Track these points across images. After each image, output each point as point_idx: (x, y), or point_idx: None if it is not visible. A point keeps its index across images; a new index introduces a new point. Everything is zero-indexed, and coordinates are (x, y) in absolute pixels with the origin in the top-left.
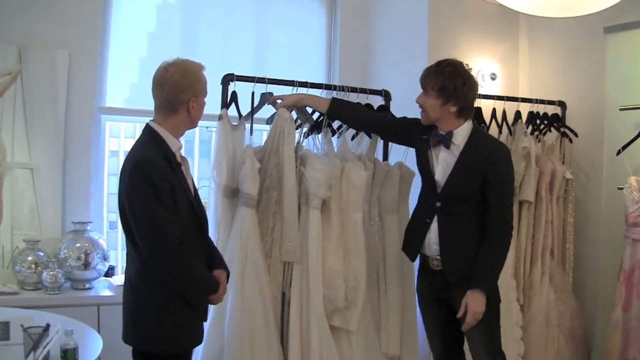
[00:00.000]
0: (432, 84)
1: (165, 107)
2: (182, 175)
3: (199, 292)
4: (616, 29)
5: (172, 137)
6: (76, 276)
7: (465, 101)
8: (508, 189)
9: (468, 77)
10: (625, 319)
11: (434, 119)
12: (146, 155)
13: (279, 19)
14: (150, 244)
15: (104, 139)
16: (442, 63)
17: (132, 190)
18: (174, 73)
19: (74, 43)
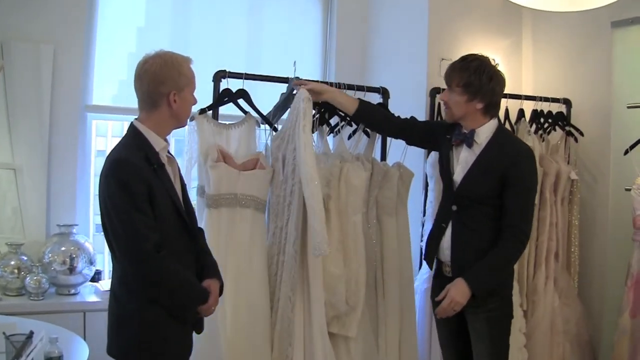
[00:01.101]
0: (457, 79)
1: (145, 101)
2: (166, 176)
3: (180, 300)
4: (624, 24)
5: (155, 136)
6: (61, 281)
7: (491, 98)
8: (527, 194)
9: (495, 72)
10: (633, 326)
11: (458, 117)
12: (122, 156)
13: (273, 14)
14: (126, 249)
15: (90, 138)
16: (468, 58)
17: (107, 193)
18: (153, 64)
19: (59, 38)
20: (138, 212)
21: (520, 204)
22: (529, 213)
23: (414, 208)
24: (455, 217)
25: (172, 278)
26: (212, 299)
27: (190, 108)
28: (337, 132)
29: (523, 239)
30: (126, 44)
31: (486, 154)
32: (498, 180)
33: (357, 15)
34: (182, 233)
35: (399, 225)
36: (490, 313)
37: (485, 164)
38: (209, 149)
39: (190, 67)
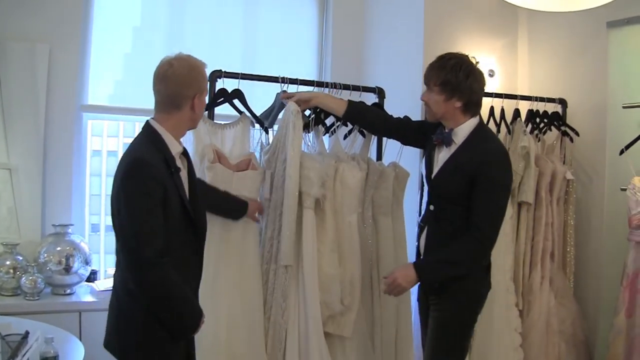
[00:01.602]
0: (434, 78)
1: (168, 102)
2: (180, 180)
3: (174, 312)
4: (620, 24)
5: (172, 139)
6: (56, 281)
7: (470, 96)
8: (493, 195)
9: (472, 69)
10: (629, 325)
11: (439, 116)
12: (143, 156)
13: (269, 13)
14: (130, 251)
15: (86, 138)
16: (445, 56)
17: (122, 192)
18: (180, 67)
19: (54, 37)
20: (151, 215)
21: (485, 204)
22: (494, 215)
23: (410, 208)
24: (432, 217)
25: (171, 289)
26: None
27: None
28: (333, 132)
29: (483, 240)
30: (122, 43)
31: (459, 153)
32: (467, 180)
33: (352, 15)
34: (191, 237)
35: (394, 225)
36: (440, 313)
37: (456, 163)
38: (205, 149)
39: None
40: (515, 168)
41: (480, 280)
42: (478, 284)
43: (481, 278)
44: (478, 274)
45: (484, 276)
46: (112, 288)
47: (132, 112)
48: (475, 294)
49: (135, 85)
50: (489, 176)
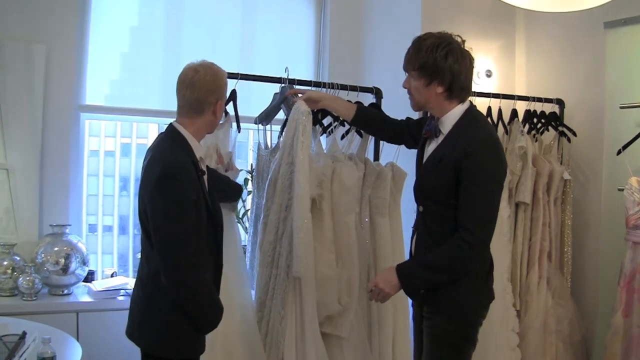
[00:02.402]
0: (412, 62)
1: (192, 107)
2: (205, 184)
3: (205, 310)
4: (617, 24)
5: (197, 143)
6: (54, 281)
7: (452, 78)
8: (479, 191)
9: (451, 48)
10: (626, 325)
11: (422, 104)
12: (179, 160)
13: (266, 14)
14: (168, 253)
15: (83, 138)
16: (421, 37)
17: (158, 195)
18: (206, 74)
19: (51, 37)
20: (188, 218)
21: (471, 201)
22: (483, 214)
23: (407, 208)
24: (421, 219)
25: (205, 288)
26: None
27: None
28: (330, 132)
29: (471, 241)
30: (119, 43)
31: (443, 144)
32: (451, 174)
33: (350, 16)
34: (212, 238)
35: (392, 225)
36: (432, 329)
37: (440, 156)
38: (210, 149)
39: None
40: (513, 168)
41: (478, 288)
42: (475, 293)
43: (479, 286)
44: (475, 282)
45: (483, 284)
46: (138, 282)
47: (129, 112)
48: (472, 306)
49: (132, 85)
50: (472, 169)
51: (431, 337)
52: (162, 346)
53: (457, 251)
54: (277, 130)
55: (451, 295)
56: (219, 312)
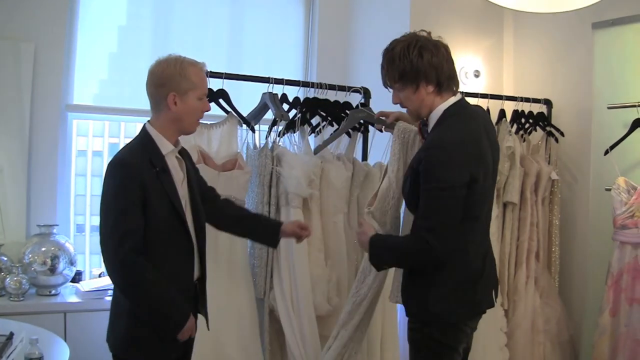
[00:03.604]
0: (391, 76)
1: (151, 103)
2: (169, 180)
3: (153, 310)
4: (605, 25)
5: (163, 139)
6: (41, 282)
7: (435, 72)
8: (431, 196)
9: (422, 44)
10: (613, 324)
11: (418, 111)
12: (122, 157)
13: (255, 13)
14: (105, 250)
15: (71, 138)
16: (388, 48)
17: (102, 192)
18: (154, 69)
19: (39, 36)
20: (126, 215)
21: (425, 200)
22: (434, 212)
23: None
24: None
25: (146, 286)
26: (186, 331)
27: (197, 114)
28: (319, 132)
29: (424, 235)
30: (107, 43)
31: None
32: (415, 179)
33: (339, 15)
34: (181, 237)
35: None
36: (411, 332)
37: (412, 161)
38: (190, 150)
39: (198, 72)
40: (501, 168)
41: (455, 295)
42: (452, 299)
43: (461, 293)
44: (452, 289)
45: (463, 293)
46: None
47: (117, 112)
48: (446, 314)
49: (120, 84)
50: (426, 163)
51: (413, 340)
52: (123, 350)
53: (416, 241)
54: (265, 130)
55: (423, 301)
56: (178, 316)
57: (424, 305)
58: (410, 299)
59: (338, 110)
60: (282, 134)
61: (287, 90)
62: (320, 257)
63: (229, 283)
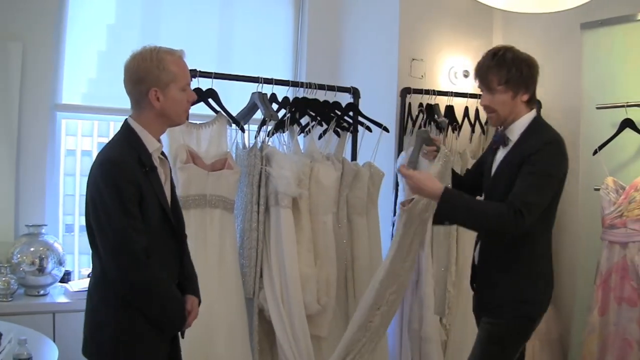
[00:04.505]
0: (496, 78)
1: (131, 100)
2: (157, 179)
3: (164, 309)
4: (594, 25)
5: (149, 136)
6: (30, 282)
7: (534, 86)
8: (531, 180)
9: (530, 58)
10: (602, 323)
11: (506, 116)
12: (114, 156)
13: (244, 13)
14: (113, 254)
15: (60, 138)
16: (498, 52)
17: (95, 194)
18: (132, 61)
19: (27, 35)
20: (128, 216)
21: (528, 181)
22: (535, 191)
23: (385, 208)
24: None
25: (159, 287)
26: (191, 317)
27: (182, 105)
28: (308, 132)
29: (517, 205)
30: (96, 41)
31: (511, 152)
32: (516, 175)
33: (328, 15)
34: (168, 238)
35: (369, 225)
36: (491, 326)
37: (508, 161)
38: (178, 149)
39: (177, 60)
40: None
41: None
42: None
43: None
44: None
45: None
46: (87, 291)
47: (106, 112)
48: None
49: (109, 84)
50: (533, 159)
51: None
52: (114, 355)
53: (503, 212)
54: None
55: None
56: (181, 311)
57: (517, 297)
58: (500, 291)
59: (327, 110)
60: (272, 133)
61: (276, 90)
62: (309, 257)
63: (219, 283)
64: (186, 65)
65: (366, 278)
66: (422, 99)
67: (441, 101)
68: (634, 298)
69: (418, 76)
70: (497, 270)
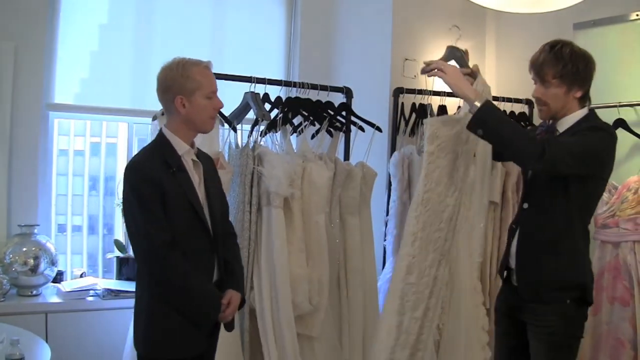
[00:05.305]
0: (552, 71)
1: (163, 108)
2: (187, 179)
3: (187, 302)
4: (586, 26)
5: (179, 140)
6: (22, 282)
7: (589, 83)
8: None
9: (588, 55)
10: (595, 323)
11: (556, 111)
12: (136, 161)
13: (237, 12)
14: (137, 248)
15: (52, 137)
16: (556, 45)
17: (123, 194)
18: (162, 71)
19: (20, 35)
20: (146, 213)
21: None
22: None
23: (377, 208)
24: (527, 217)
25: (180, 278)
26: (229, 310)
27: (207, 112)
28: (300, 131)
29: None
30: (89, 41)
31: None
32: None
33: (321, 15)
34: (200, 236)
35: (362, 224)
36: (553, 337)
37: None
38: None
39: (203, 70)
40: None
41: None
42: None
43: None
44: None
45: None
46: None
47: (99, 111)
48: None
49: (102, 83)
50: (581, 134)
51: (556, 345)
52: (145, 344)
53: (531, 139)
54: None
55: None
56: (211, 305)
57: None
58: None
59: (320, 110)
60: (264, 133)
61: (269, 90)
62: (301, 257)
63: None
64: (212, 74)
65: (358, 278)
66: (415, 98)
67: (434, 101)
68: (627, 297)
69: (411, 76)
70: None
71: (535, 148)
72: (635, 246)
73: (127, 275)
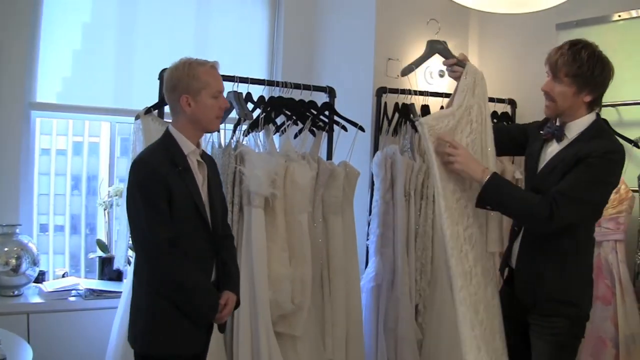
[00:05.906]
0: (566, 69)
1: (169, 108)
2: (192, 179)
3: (189, 299)
4: (569, 26)
5: (185, 139)
6: (4, 282)
7: (601, 90)
8: (582, 179)
9: (607, 62)
10: None
11: (562, 110)
12: (143, 157)
13: (220, 12)
14: (139, 243)
15: (34, 136)
16: (577, 44)
17: (127, 189)
18: (168, 71)
19: (2, 33)
20: (151, 209)
21: (579, 178)
22: (582, 188)
23: (360, 207)
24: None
25: (180, 275)
26: (226, 311)
27: (213, 111)
28: (283, 131)
29: (552, 206)
30: (71, 40)
31: (567, 149)
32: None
33: (304, 14)
34: (203, 236)
35: (345, 224)
36: (557, 337)
37: (562, 157)
38: None
39: (209, 70)
40: None
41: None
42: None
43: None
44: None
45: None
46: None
47: (81, 110)
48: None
49: (84, 82)
50: (587, 163)
51: (559, 345)
52: (144, 342)
53: (536, 205)
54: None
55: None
56: (209, 302)
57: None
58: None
59: (303, 109)
60: (247, 133)
61: (252, 89)
62: (284, 256)
63: None
64: (218, 74)
65: (341, 278)
66: (398, 98)
67: (417, 101)
68: (608, 296)
69: (394, 76)
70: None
71: (543, 212)
72: (616, 245)
73: (109, 275)
